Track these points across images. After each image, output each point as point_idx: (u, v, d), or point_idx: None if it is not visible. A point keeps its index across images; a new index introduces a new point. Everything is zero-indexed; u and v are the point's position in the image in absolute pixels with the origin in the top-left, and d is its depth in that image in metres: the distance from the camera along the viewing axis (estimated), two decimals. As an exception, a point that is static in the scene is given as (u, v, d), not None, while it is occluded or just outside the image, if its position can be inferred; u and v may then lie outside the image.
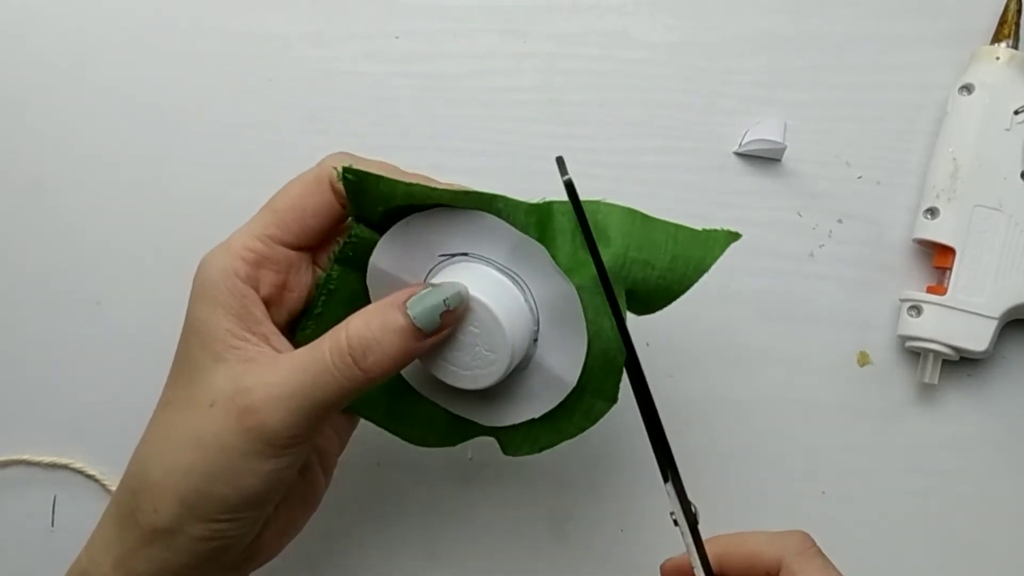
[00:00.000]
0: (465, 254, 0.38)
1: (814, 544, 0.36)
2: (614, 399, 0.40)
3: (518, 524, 0.48)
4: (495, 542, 0.48)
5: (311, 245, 0.39)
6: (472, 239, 0.38)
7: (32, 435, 0.49)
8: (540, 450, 0.41)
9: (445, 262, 0.38)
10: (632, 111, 0.49)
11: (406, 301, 0.35)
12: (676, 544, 0.47)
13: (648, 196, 0.49)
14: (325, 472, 0.41)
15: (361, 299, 0.40)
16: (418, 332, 0.35)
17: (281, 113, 0.50)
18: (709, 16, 0.49)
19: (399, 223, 0.38)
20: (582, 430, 0.40)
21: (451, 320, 0.36)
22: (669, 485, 0.36)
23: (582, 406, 0.40)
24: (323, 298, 0.39)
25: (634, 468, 0.48)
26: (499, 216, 0.37)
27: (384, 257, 0.39)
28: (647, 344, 0.48)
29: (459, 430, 0.42)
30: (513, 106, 0.49)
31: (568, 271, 0.37)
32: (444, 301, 0.35)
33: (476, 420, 0.41)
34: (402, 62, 0.50)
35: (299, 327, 0.40)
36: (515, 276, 0.38)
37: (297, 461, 0.36)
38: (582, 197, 0.38)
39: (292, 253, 0.38)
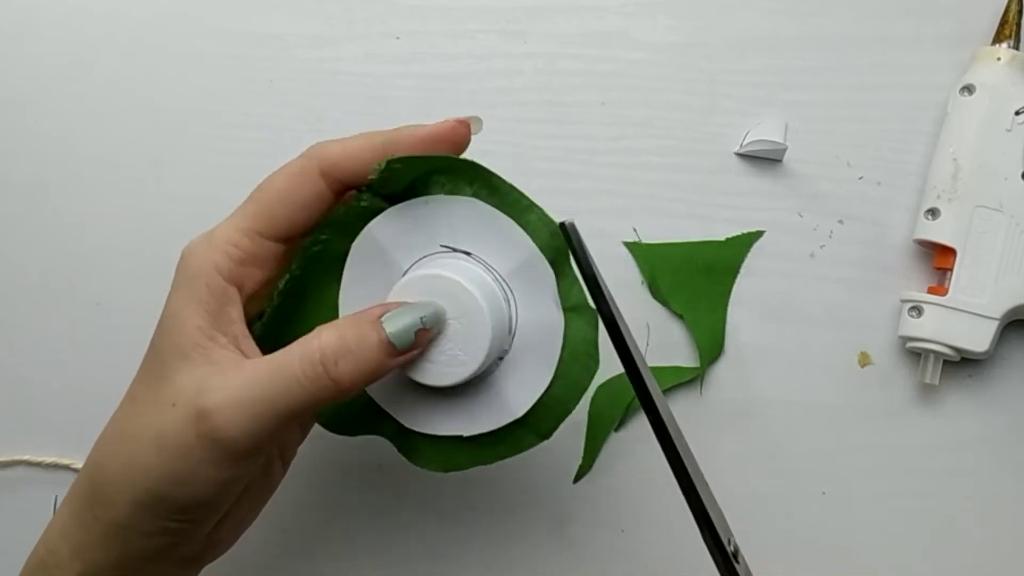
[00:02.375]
0: (468, 253, 0.38)
1: None
2: (547, 437, 0.39)
3: (518, 524, 0.48)
4: (495, 542, 0.48)
5: (299, 237, 0.38)
6: (483, 240, 0.37)
7: (33, 435, 0.49)
8: (448, 470, 0.40)
9: (444, 254, 0.38)
10: (632, 111, 0.49)
11: (381, 316, 0.35)
12: (676, 544, 0.47)
13: (648, 196, 0.49)
14: (284, 463, 0.41)
15: (320, 301, 0.39)
16: (391, 348, 0.34)
17: (281, 113, 0.50)
18: (710, 17, 0.49)
19: (416, 199, 0.37)
20: (501, 458, 0.40)
21: (425, 339, 0.35)
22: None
23: (512, 436, 0.39)
24: (281, 298, 0.38)
25: (635, 468, 0.48)
26: (525, 227, 0.37)
27: (385, 227, 0.38)
28: (647, 344, 0.48)
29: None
30: (513, 107, 0.49)
31: (571, 305, 0.37)
32: (421, 319, 0.35)
33: (397, 417, 0.39)
34: (402, 63, 0.49)
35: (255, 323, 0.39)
36: (508, 291, 0.37)
37: (255, 468, 0.36)
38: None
39: (278, 248, 0.38)
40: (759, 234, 0.48)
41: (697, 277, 0.48)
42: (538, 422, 0.39)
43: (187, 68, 0.50)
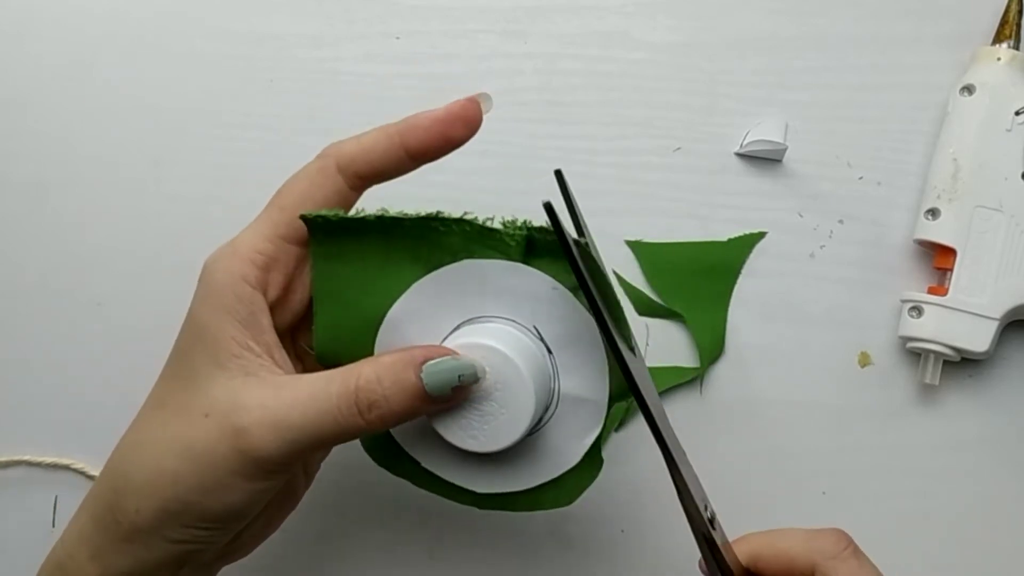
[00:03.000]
0: (458, 327, 0.37)
1: (850, 543, 0.35)
2: (569, 503, 0.40)
3: (518, 524, 0.48)
4: (495, 542, 0.48)
5: None
6: (457, 299, 0.37)
7: (33, 436, 0.49)
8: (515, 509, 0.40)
9: (495, 319, 0.37)
10: (633, 112, 0.49)
11: (423, 363, 0.35)
12: (676, 544, 0.47)
13: (648, 196, 0.49)
14: (307, 476, 0.41)
15: (345, 289, 0.38)
16: (427, 396, 0.35)
17: (281, 113, 0.49)
18: (710, 17, 0.49)
19: (384, 322, 0.37)
20: (557, 505, 0.40)
21: (461, 395, 0.35)
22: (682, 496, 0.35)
23: (535, 496, 0.39)
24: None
25: (635, 469, 0.48)
26: (470, 244, 0.36)
27: (448, 278, 0.37)
28: (647, 344, 0.48)
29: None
30: (514, 107, 0.49)
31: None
32: (459, 377, 0.35)
33: (463, 485, 0.40)
34: (402, 63, 0.49)
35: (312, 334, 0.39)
36: (508, 320, 0.37)
37: (283, 482, 0.36)
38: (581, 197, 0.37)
39: (300, 250, 0.38)
40: (761, 235, 0.48)
41: (698, 277, 0.48)
42: (566, 486, 0.39)
43: (187, 68, 0.50)
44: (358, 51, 0.50)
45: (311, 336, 0.38)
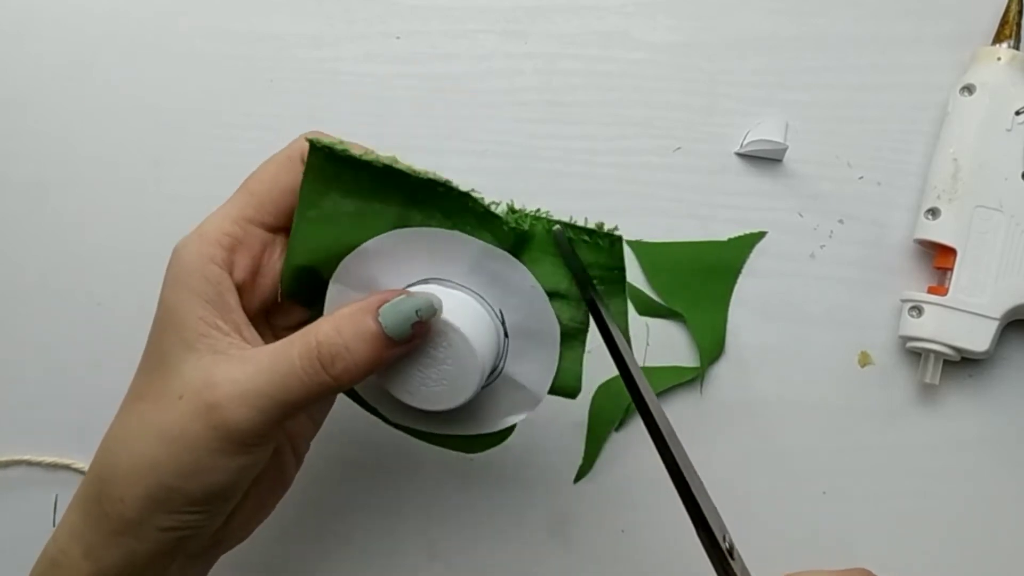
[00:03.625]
0: (426, 280, 0.37)
1: None
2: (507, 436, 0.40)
3: (518, 524, 0.48)
4: (495, 542, 0.48)
5: (287, 224, 0.38)
6: (435, 259, 0.37)
7: (33, 436, 0.49)
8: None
9: (437, 282, 0.38)
10: (633, 111, 0.49)
11: (379, 307, 0.35)
12: (676, 544, 0.47)
13: (648, 196, 0.49)
14: (296, 455, 0.41)
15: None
16: (388, 340, 0.34)
17: (281, 113, 0.49)
18: (710, 17, 0.49)
19: (357, 250, 0.37)
20: (461, 450, 0.41)
21: (421, 330, 0.35)
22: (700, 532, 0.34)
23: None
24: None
25: (635, 468, 0.48)
26: (467, 217, 0.37)
27: (381, 246, 0.38)
28: (648, 344, 0.48)
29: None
30: (514, 107, 0.49)
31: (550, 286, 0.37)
32: (416, 311, 0.34)
33: (431, 430, 0.40)
34: (402, 63, 0.49)
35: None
36: (475, 293, 0.37)
37: (264, 456, 0.36)
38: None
39: (267, 234, 0.38)
40: (762, 235, 0.48)
41: (699, 277, 0.48)
42: (476, 443, 0.40)
43: (187, 68, 0.50)
44: (358, 51, 0.50)
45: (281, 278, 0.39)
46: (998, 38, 0.47)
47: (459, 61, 0.49)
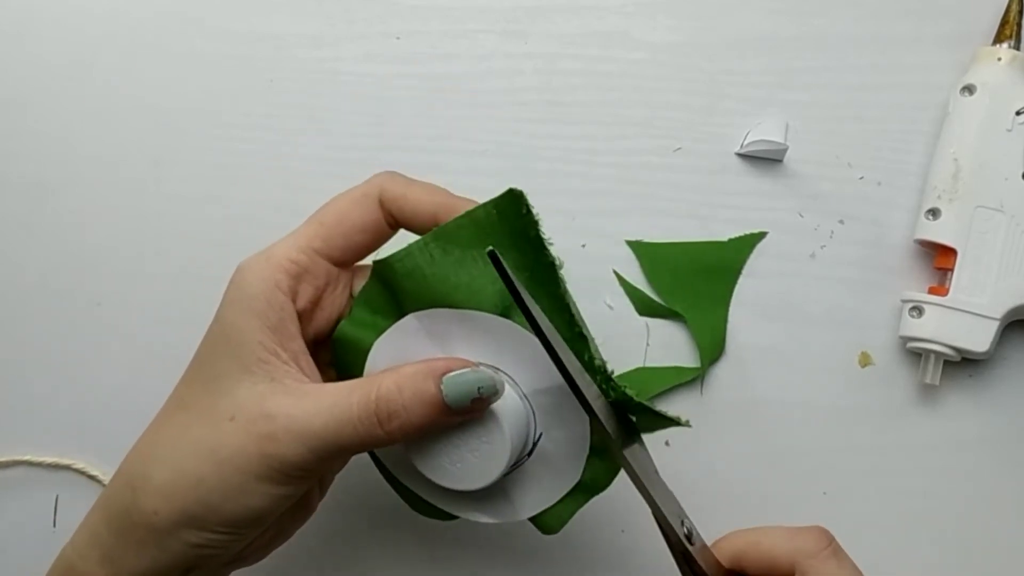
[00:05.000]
0: (497, 368, 0.37)
1: (831, 542, 0.35)
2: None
3: (518, 524, 0.48)
4: (495, 543, 0.48)
5: (353, 261, 0.39)
6: (515, 357, 0.37)
7: (34, 436, 0.49)
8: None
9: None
10: (633, 112, 0.49)
11: (443, 375, 0.35)
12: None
13: (648, 196, 0.49)
14: (322, 488, 0.41)
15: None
16: (446, 408, 0.35)
17: (281, 113, 0.49)
18: (710, 17, 0.49)
19: (401, 321, 0.38)
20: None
21: (480, 407, 0.35)
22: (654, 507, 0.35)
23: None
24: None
25: (635, 469, 0.48)
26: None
27: (423, 324, 0.38)
28: (648, 344, 0.48)
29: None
30: (514, 107, 0.49)
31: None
32: (479, 388, 0.35)
33: (474, 518, 0.40)
34: (403, 63, 0.49)
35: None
36: (507, 374, 0.37)
37: (305, 488, 0.37)
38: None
39: (332, 268, 0.38)
40: (762, 235, 0.48)
41: (699, 277, 0.48)
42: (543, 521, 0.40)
43: (187, 68, 0.50)
44: (358, 51, 0.50)
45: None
46: (998, 38, 0.47)
47: (459, 61, 0.49)
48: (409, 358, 0.37)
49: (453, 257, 0.37)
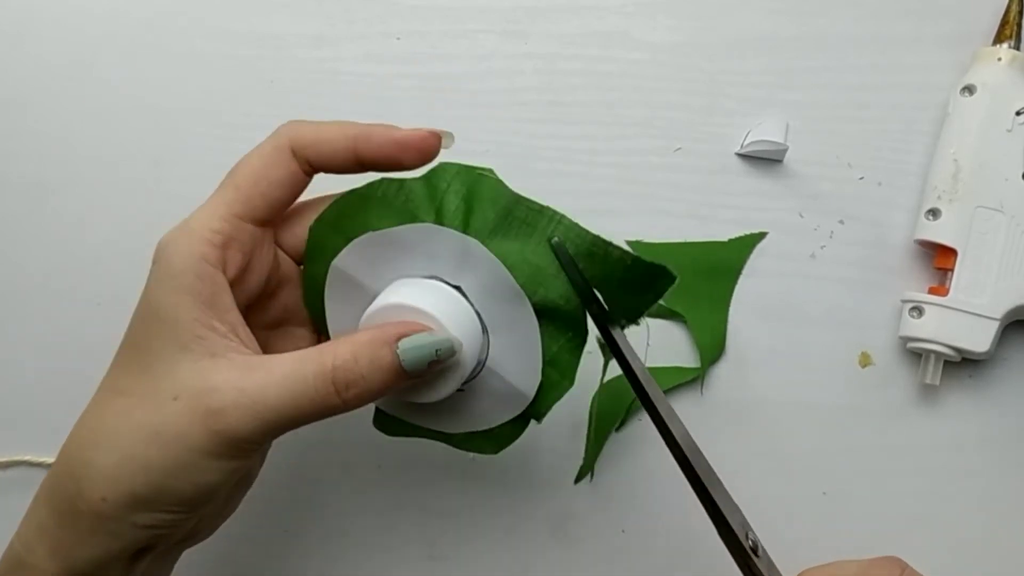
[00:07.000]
0: (438, 277, 0.38)
1: (904, 569, 0.35)
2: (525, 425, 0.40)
3: (518, 524, 0.48)
4: (495, 542, 0.48)
5: (275, 218, 0.38)
6: (424, 257, 0.37)
7: (33, 436, 0.49)
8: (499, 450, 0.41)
9: (417, 279, 0.38)
10: (633, 112, 0.49)
11: (398, 339, 0.35)
12: (677, 544, 0.47)
13: (648, 196, 0.49)
14: (263, 454, 0.41)
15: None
16: (403, 372, 0.35)
17: (281, 114, 0.49)
18: (710, 17, 0.49)
19: (361, 237, 0.38)
20: (483, 452, 0.41)
21: (436, 369, 0.35)
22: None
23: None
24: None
25: (635, 468, 0.48)
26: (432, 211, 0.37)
27: (365, 249, 0.38)
28: (648, 345, 0.48)
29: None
30: (514, 107, 0.49)
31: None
32: (436, 351, 0.35)
33: (432, 427, 0.41)
34: (403, 63, 0.49)
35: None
36: (461, 289, 0.37)
37: (254, 460, 0.37)
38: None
39: (257, 230, 0.37)
40: (762, 235, 0.48)
41: (699, 277, 0.48)
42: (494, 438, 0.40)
43: (187, 68, 0.50)
44: (358, 51, 0.50)
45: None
46: (998, 38, 0.47)
47: (459, 61, 0.49)
48: (363, 291, 0.37)
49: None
